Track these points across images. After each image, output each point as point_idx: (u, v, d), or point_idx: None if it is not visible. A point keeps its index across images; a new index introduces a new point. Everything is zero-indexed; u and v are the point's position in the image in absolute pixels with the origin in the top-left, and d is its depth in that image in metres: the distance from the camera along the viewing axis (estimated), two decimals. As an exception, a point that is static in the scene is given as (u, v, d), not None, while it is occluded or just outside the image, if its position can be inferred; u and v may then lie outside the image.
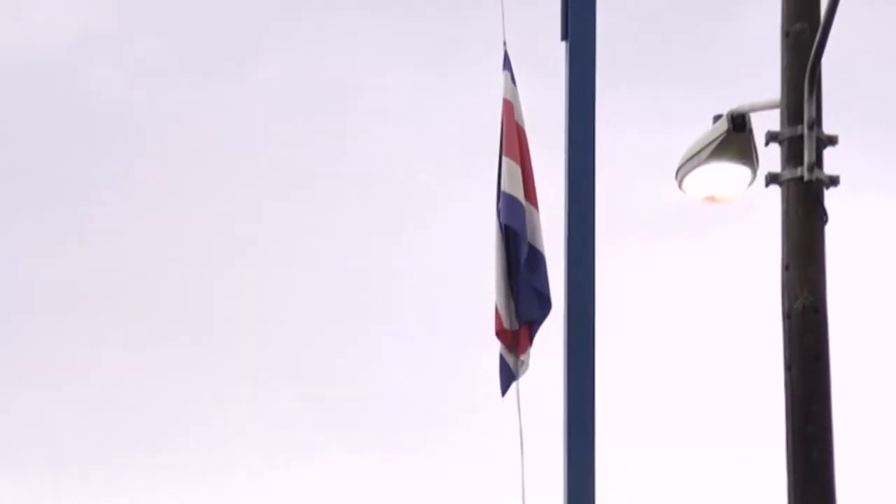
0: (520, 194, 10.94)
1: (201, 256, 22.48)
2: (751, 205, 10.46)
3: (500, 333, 10.87)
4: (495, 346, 11.14)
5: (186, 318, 23.01)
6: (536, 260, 11.10)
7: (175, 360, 22.91)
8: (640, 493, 15.78)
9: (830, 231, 9.95)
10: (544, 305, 10.82)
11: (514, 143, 10.86)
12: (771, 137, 9.77)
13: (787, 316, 9.66)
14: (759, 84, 10.19)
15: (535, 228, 11.19)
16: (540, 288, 10.91)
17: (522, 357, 10.93)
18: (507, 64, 11.01)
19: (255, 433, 22.49)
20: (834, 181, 9.73)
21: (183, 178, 22.70)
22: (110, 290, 22.85)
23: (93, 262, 22.90)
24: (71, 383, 23.00)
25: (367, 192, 21.08)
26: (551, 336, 11.01)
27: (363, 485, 22.02)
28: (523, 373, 10.94)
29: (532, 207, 11.28)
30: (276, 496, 22.37)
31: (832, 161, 9.86)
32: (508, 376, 10.79)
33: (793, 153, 9.74)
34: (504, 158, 10.82)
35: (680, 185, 10.17)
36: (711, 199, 10.20)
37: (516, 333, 10.95)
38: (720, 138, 9.83)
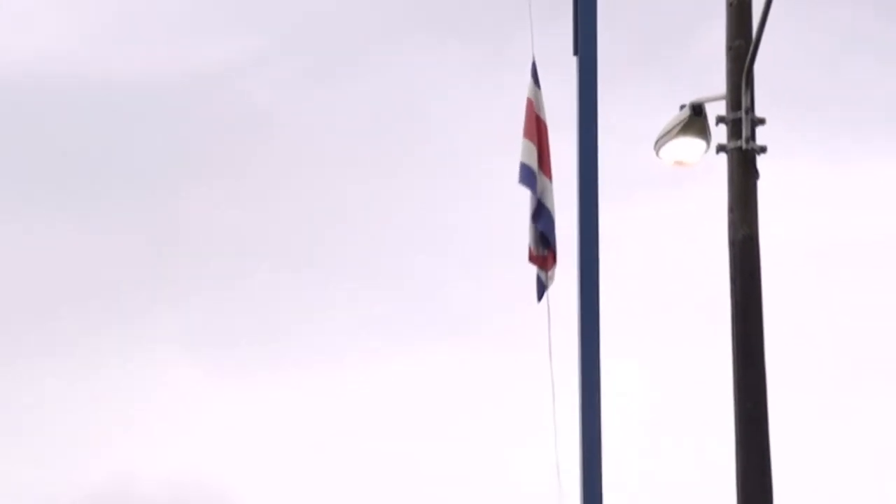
0: (534, 164, 10.85)
1: (317, 209, 22.64)
2: (706, 167, 10.41)
3: (532, 259, 11.19)
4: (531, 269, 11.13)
5: (315, 247, 23.21)
6: (541, 212, 11.00)
7: (307, 278, 23.17)
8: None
9: (761, 184, 10.13)
10: (547, 242, 10.84)
11: (532, 129, 10.76)
12: (719, 120, 10.05)
13: (732, 244, 9.93)
14: (712, 83, 10.22)
15: (546, 190, 11.02)
16: (545, 231, 10.93)
17: (550, 273, 10.91)
18: (534, 72, 10.73)
19: (359, 328, 22.49)
20: (763, 149, 10.00)
21: (304, 158, 22.97)
22: (266, 231, 23.53)
23: (253, 216, 23.44)
24: (235, 298, 23.46)
25: (437, 167, 21.14)
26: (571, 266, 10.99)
27: (440, 369, 21.29)
28: (550, 285, 10.90)
29: (545, 177, 11.10)
30: (375, 378, 22.14)
31: (762, 135, 10.07)
32: (541, 287, 10.90)
33: (734, 131, 9.99)
34: (524, 140, 10.81)
35: (657, 154, 10.33)
36: (679, 163, 10.38)
37: (544, 258, 11.30)
38: (685, 121, 10.06)
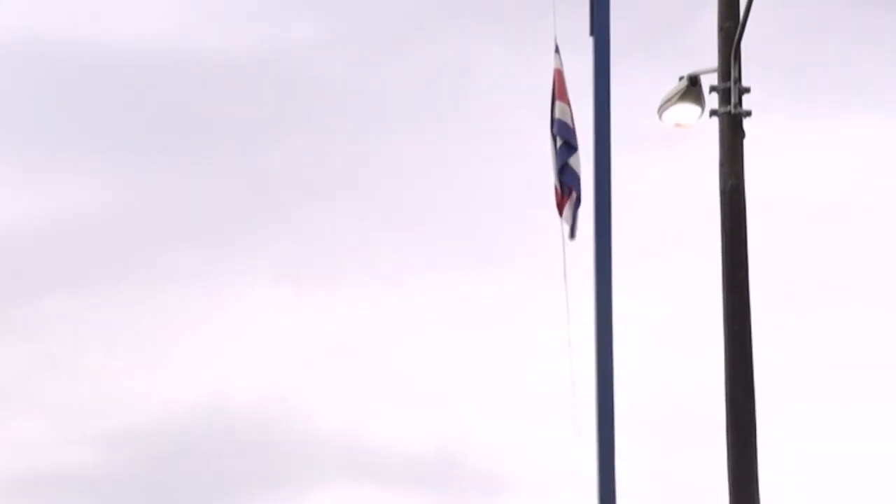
0: (569, 121, 10.60)
1: (378, 162, 22.90)
2: (701, 128, 10.41)
3: (558, 202, 11.05)
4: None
5: (378, 192, 23.50)
6: (565, 168, 10.60)
7: (372, 218, 23.63)
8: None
9: (747, 142, 10.17)
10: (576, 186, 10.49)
11: (563, 93, 10.58)
12: (712, 89, 9.98)
13: (722, 192, 9.94)
14: (706, 58, 10.26)
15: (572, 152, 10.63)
16: (569, 182, 10.54)
17: (568, 213, 10.48)
18: (556, 49, 10.98)
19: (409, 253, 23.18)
20: (748, 113, 9.97)
21: (367, 120, 23.22)
22: (337, 179, 24.07)
23: (326, 168, 24.02)
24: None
25: (477, 126, 21.18)
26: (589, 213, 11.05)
27: (482, 295, 21.64)
28: (572, 223, 10.47)
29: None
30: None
31: (748, 102, 10.10)
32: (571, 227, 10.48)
33: (724, 98, 9.96)
34: (558, 102, 10.53)
35: (660, 118, 10.36)
36: (678, 125, 10.35)
37: (568, 201, 11.04)
38: (683, 90, 10.06)
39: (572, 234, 10.37)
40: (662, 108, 10.22)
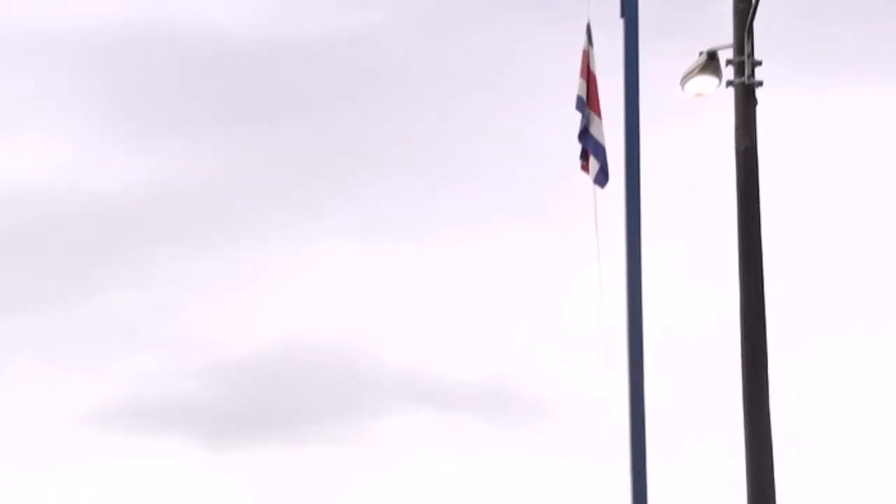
0: (584, 93, 10.48)
1: (438, 128, 23.60)
2: (718, 97, 10.35)
3: (583, 167, 10.92)
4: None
5: (437, 153, 24.38)
6: (587, 136, 10.47)
7: (434, 176, 24.42)
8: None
9: (759, 109, 10.16)
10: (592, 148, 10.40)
11: (585, 70, 10.45)
12: (728, 62, 9.96)
13: (737, 152, 9.95)
14: (723, 35, 10.19)
15: (594, 123, 10.53)
16: (593, 151, 10.49)
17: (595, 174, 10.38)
18: (588, 32, 10.48)
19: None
20: (760, 83, 9.95)
21: (419, 93, 23.57)
22: (403, 143, 24.56)
23: (393, 134, 24.46)
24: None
25: (522, 97, 21.31)
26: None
27: (529, 245, 21.83)
28: (599, 183, 10.33)
29: (595, 115, 10.65)
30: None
31: (760, 73, 10.07)
32: (600, 179, 10.34)
33: (739, 70, 9.93)
34: (580, 78, 10.45)
35: (682, 88, 10.29)
36: (699, 95, 10.29)
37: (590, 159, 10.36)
38: (702, 64, 10.01)
39: (602, 184, 10.34)
40: (684, 80, 10.18)
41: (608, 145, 10.33)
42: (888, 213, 18.81)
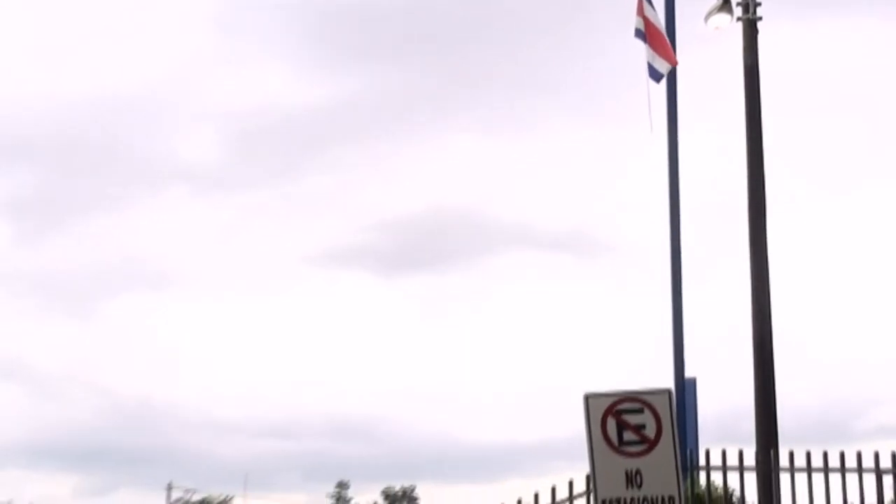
0: (642, 27, 10.62)
1: (525, 74, 27.16)
2: (732, 30, 11.91)
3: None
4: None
5: (529, 72, 29.86)
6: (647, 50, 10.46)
7: (518, 91, 30.41)
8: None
9: (760, 37, 11.70)
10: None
11: (640, 8, 10.64)
12: (737, 4, 11.75)
13: (744, 67, 11.54)
14: None
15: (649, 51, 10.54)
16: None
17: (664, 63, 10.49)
18: None
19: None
20: (760, 18, 11.72)
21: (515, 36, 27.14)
22: (499, 69, 29.19)
23: (494, 59, 29.18)
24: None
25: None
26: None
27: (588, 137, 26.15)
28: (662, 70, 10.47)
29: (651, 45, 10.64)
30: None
31: (761, 10, 11.77)
32: (655, 74, 10.51)
33: (745, 8, 11.77)
34: (637, 16, 10.70)
35: (706, 23, 11.70)
36: (717, 28, 11.74)
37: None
38: (720, 4, 11.62)
39: (657, 79, 10.63)
40: (706, 17, 11.73)
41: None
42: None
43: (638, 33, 10.75)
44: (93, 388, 63.31)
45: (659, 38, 10.56)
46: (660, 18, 10.75)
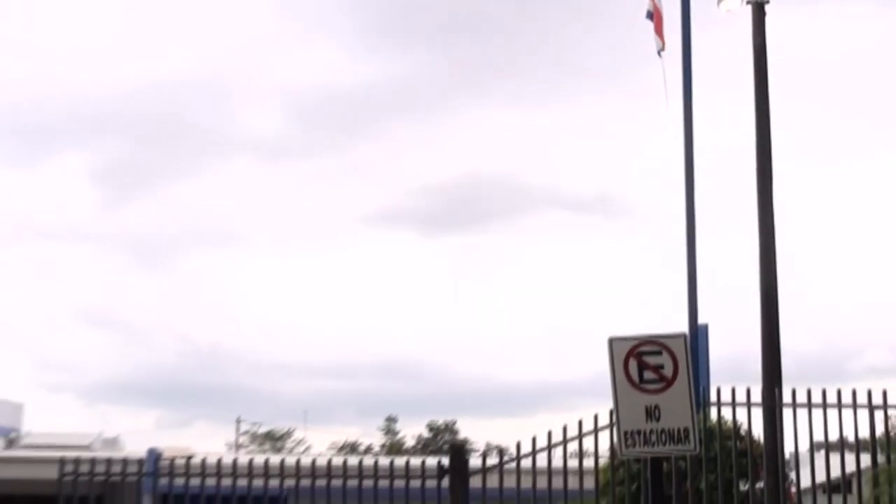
0: (651, 8, 11.69)
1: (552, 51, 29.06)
2: (742, 12, 12.32)
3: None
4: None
5: (549, 48, 31.21)
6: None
7: (545, 64, 31.92)
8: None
9: (768, 19, 12.11)
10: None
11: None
12: None
13: (754, 45, 11.97)
14: None
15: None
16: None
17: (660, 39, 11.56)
18: None
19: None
20: (768, 1, 12.17)
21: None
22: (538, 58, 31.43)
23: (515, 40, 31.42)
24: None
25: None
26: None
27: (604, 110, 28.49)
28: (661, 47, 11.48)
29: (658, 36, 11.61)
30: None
31: None
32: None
33: None
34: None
35: (718, 6, 12.30)
36: (729, 11, 12.25)
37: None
38: None
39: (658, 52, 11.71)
40: (719, 1, 12.32)
41: (671, 48, 12.13)
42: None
43: (648, 14, 11.73)
44: (172, 334, 69.95)
45: (658, 18, 11.42)
46: (661, 1, 11.53)
